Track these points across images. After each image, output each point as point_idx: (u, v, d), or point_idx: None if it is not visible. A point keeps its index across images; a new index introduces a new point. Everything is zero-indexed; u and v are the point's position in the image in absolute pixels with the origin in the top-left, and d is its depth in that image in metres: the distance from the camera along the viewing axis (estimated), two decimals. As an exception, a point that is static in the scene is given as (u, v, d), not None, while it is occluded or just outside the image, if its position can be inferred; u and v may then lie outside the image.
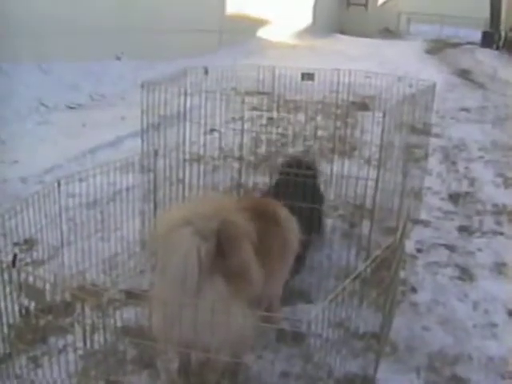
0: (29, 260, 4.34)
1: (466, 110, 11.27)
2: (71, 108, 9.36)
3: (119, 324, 3.59)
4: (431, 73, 13.17)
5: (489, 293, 4.49)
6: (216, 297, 2.82)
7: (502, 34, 24.80)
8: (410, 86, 5.59)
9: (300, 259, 4.18)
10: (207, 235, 2.80)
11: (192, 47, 13.14)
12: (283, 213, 3.68)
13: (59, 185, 3.75)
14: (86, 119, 8.54)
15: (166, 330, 2.89)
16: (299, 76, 5.67)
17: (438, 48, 23.21)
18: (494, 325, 4.10)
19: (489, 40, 24.29)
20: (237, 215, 2.97)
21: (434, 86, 5.47)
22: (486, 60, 19.46)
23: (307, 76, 5.47)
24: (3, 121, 7.97)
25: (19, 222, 3.51)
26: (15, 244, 3.85)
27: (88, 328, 2.92)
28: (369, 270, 3.07)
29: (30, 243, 4.43)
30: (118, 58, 11.77)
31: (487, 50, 22.32)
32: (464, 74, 16.11)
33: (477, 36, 26.00)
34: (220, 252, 2.84)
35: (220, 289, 2.85)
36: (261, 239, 3.02)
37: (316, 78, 5.62)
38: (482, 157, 8.12)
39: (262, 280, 3.06)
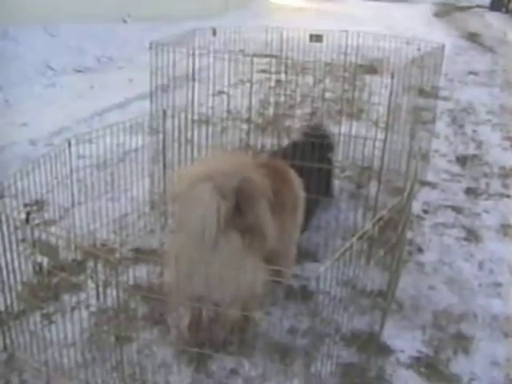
0: (40, 221, 4.39)
1: (475, 73, 11.20)
2: (78, 71, 9.34)
3: (130, 282, 3.66)
4: (440, 36, 13.05)
5: (494, 253, 4.54)
6: (232, 252, 2.88)
7: (512, -4, 24.47)
8: (419, 49, 5.56)
9: (306, 218, 4.26)
10: (227, 193, 2.84)
11: (199, 9, 13.05)
12: (291, 172, 3.75)
13: (69, 145, 3.78)
14: (93, 82, 8.54)
15: (182, 283, 2.95)
16: (307, 38, 5.65)
17: (446, 11, 22.96)
18: (499, 284, 4.15)
19: (498, 3, 23.96)
20: (255, 172, 3.01)
21: (442, 48, 5.45)
22: (495, 23, 19.25)
23: (315, 37, 5.44)
24: (11, 84, 7.97)
25: (30, 184, 3.54)
26: (26, 205, 3.90)
27: (101, 284, 2.98)
28: (376, 228, 3.11)
29: (40, 204, 4.48)
30: (125, 21, 11.71)
31: (496, 13, 22.06)
32: (473, 38, 15.97)
33: (486, -1, 25.68)
34: (237, 208, 2.90)
35: (236, 244, 2.91)
36: (275, 196, 3.08)
37: (324, 40, 5.59)
38: (489, 120, 8.11)
39: (276, 236, 3.13)
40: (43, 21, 9.81)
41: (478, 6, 25.01)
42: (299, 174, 4.01)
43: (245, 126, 4.98)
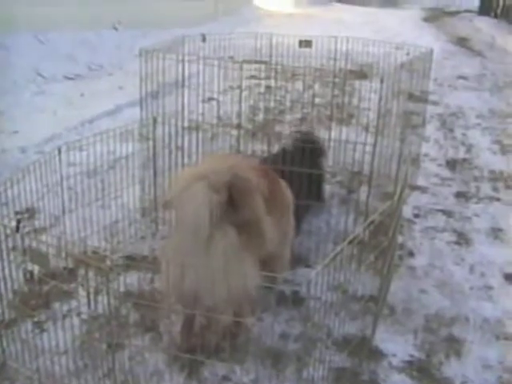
0: (31, 228, 4.38)
1: (464, 77, 11.24)
2: (69, 78, 9.32)
3: (121, 289, 3.66)
4: (429, 41, 13.09)
5: (485, 257, 4.55)
6: (227, 246, 2.90)
7: (500, 1, 24.57)
8: (408, 53, 5.59)
9: (297, 223, 4.29)
10: (219, 188, 2.88)
11: (188, 16, 13.04)
12: (278, 177, 3.78)
13: (59, 153, 3.77)
14: (83, 89, 8.53)
15: (175, 280, 2.95)
16: (296, 44, 5.67)
17: (435, 16, 23.02)
18: (490, 287, 4.17)
19: (487, 8, 24.03)
20: (248, 171, 3.06)
21: (431, 52, 5.47)
22: (484, 28, 19.31)
23: (305, 43, 5.47)
24: (1, 91, 7.95)
25: (20, 191, 3.54)
26: (16, 213, 3.88)
27: (92, 291, 2.98)
28: (367, 233, 3.12)
29: (31, 212, 4.46)
30: (115, 28, 11.70)
31: (485, 18, 22.11)
32: (462, 42, 16.02)
33: (474, 3, 25.75)
34: (232, 204, 2.92)
35: (231, 238, 2.93)
36: (269, 197, 3.12)
37: (313, 45, 5.62)
38: (479, 124, 8.14)
39: (272, 233, 3.15)
40: (33, 28, 9.80)
41: (467, 11, 25.09)
42: (290, 180, 4.04)
43: (235, 132, 4.99)
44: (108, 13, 11.33)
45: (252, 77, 6.19)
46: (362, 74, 7.62)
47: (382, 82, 4.16)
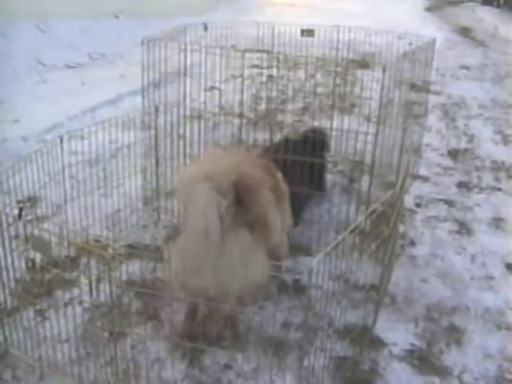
0: (33, 217, 4.38)
1: (466, 67, 11.21)
2: (70, 67, 9.30)
3: (124, 277, 3.66)
4: (431, 30, 13.02)
5: (486, 247, 4.56)
6: (241, 247, 2.93)
7: (504, -9, 24.49)
8: (410, 43, 5.57)
9: (299, 212, 4.31)
10: (225, 190, 2.89)
11: (190, 5, 12.99)
12: (273, 166, 3.78)
13: (61, 141, 3.77)
14: (85, 78, 8.50)
15: (188, 277, 2.97)
16: (298, 33, 5.65)
17: (437, 5, 22.93)
18: (491, 277, 4.17)
19: (490, -3, 23.98)
20: (251, 168, 3.10)
21: (433, 42, 5.46)
22: (487, 18, 19.23)
23: (307, 32, 5.45)
24: (2, 80, 7.93)
25: (22, 180, 3.54)
26: (18, 201, 3.89)
27: (94, 279, 2.99)
28: (368, 222, 3.13)
29: (33, 200, 4.48)
30: (117, 17, 11.66)
31: (488, 8, 22.02)
32: (464, 32, 15.96)
33: (477, -7, 25.68)
34: (241, 203, 2.94)
35: (244, 238, 2.96)
36: (271, 190, 3.14)
37: (315, 34, 5.60)
38: (481, 114, 8.12)
39: (278, 225, 3.18)
40: (34, 17, 9.75)
41: (470, 1, 24.99)
42: (292, 169, 4.06)
43: (237, 121, 4.98)
44: (109, 1, 11.29)
45: (254, 66, 6.18)
46: (364, 63, 7.60)
47: (384, 71, 4.15)
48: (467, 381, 3.22)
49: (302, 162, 4.29)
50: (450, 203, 5.24)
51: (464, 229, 4.81)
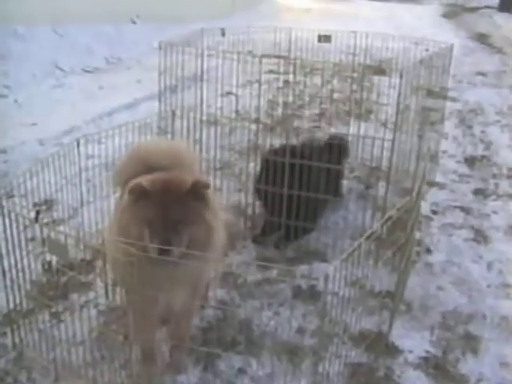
0: (49, 220, 4.40)
1: (483, 74, 11.16)
2: (87, 71, 9.38)
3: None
4: (448, 37, 12.95)
5: (503, 254, 4.52)
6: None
7: (521, -3, 24.33)
8: (427, 49, 5.55)
9: (315, 218, 4.31)
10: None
11: (206, 10, 13.07)
12: None
13: (78, 145, 3.78)
14: (102, 82, 8.57)
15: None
16: (315, 38, 5.65)
17: (454, 12, 22.87)
18: (508, 285, 4.14)
19: (507, 4, 23.80)
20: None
21: (451, 48, 5.43)
22: (504, 24, 19.13)
23: (324, 38, 5.44)
24: (20, 84, 8.01)
25: (39, 183, 3.55)
26: (35, 204, 3.90)
27: (109, 282, 2.99)
28: (384, 229, 3.11)
29: (49, 203, 4.49)
30: (134, 21, 11.73)
31: (505, 14, 21.91)
32: (481, 39, 15.90)
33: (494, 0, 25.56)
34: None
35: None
36: None
37: (333, 40, 5.59)
38: (498, 121, 8.08)
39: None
40: (52, 21, 9.84)
41: (487, 7, 24.87)
42: (308, 174, 4.07)
43: (253, 127, 4.98)
44: (126, 6, 11.37)
45: (271, 71, 6.16)
46: (380, 69, 7.58)
47: (401, 77, 4.13)
48: (483, 389, 3.20)
49: (318, 167, 4.29)
50: (466, 210, 5.20)
51: (480, 236, 4.77)
